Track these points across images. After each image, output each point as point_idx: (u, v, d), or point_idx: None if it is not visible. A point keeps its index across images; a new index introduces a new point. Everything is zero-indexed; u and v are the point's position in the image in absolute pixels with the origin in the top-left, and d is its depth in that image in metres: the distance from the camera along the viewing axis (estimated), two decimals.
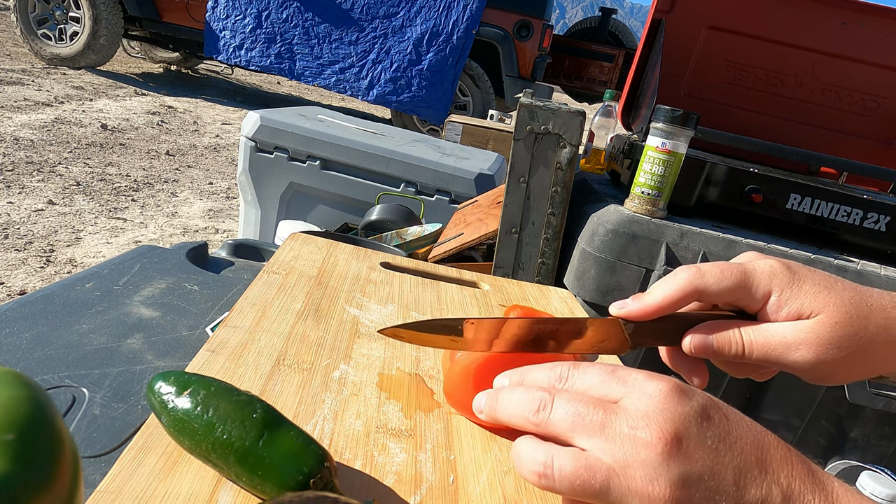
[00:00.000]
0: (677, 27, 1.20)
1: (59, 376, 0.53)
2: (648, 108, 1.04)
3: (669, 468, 0.28)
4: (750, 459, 0.29)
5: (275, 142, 1.69)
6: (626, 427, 0.29)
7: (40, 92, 4.28)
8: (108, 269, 0.74)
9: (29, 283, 1.84)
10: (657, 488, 0.27)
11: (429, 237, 1.18)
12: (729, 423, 0.30)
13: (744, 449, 0.29)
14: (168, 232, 2.47)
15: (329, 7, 4.98)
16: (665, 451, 0.28)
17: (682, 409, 0.29)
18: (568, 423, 0.30)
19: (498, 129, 2.53)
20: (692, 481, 0.28)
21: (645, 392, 0.30)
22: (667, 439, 0.28)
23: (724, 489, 0.28)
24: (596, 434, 0.29)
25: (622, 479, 0.28)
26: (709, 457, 0.28)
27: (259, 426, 0.30)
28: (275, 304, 0.53)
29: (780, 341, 0.37)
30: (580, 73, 6.19)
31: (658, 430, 0.28)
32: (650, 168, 0.89)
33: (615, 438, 0.29)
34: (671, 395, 0.30)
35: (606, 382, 0.31)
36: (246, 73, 7.55)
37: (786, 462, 0.29)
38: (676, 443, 0.28)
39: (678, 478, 0.28)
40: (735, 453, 0.29)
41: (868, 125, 1.24)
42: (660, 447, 0.28)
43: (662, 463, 0.28)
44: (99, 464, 0.45)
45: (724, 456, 0.29)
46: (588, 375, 0.32)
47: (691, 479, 0.28)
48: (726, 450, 0.29)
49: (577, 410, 0.30)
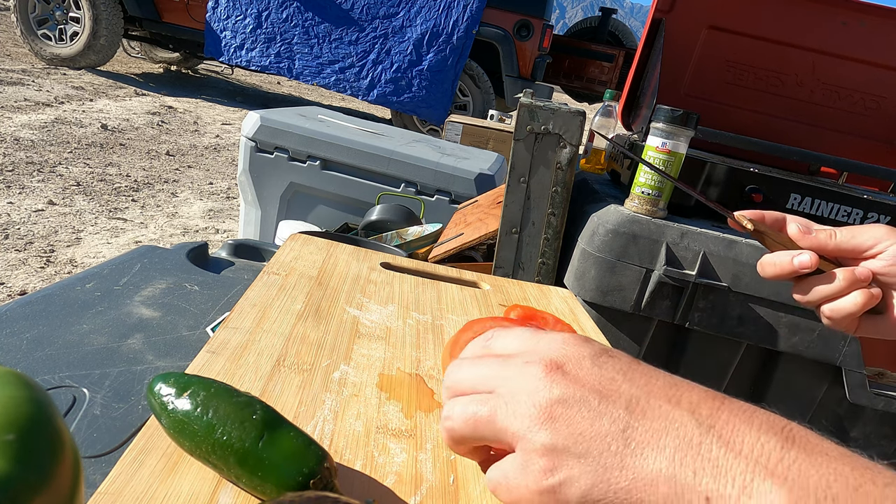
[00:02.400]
0: (677, 27, 1.20)
1: (59, 376, 0.53)
2: (648, 108, 1.04)
3: (551, 389, 0.29)
4: (654, 393, 0.29)
5: (275, 142, 1.69)
6: (521, 362, 0.31)
7: (40, 92, 4.28)
8: (109, 270, 0.74)
9: (29, 283, 1.84)
10: (535, 405, 0.29)
11: (429, 237, 1.18)
12: (637, 364, 0.31)
13: (650, 384, 0.29)
14: (168, 232, 2.47)
15: (329, 7, 4.98)
16: (547, 373, 0.30)
17: (576, 347, 0.31)
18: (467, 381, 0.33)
19: (498, 129, 2.53)
20: (573, 401, 0.28)
21: (551, 338, 0.33)
22: (550, 364, 0.30)
23: (614, 414, 0.28)
24: (493, 378, 0.32)
25: (509, 405, 0.30)
26: (597, 382, 0.29)
27: (259, 427, 0.30)
28: (275, 304, 0.53)
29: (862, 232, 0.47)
30: (580, 73, 6.19)
31: (545, 358, 0.31)
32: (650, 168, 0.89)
33: (508, 373, 0.31)
34: (571, 338, 0.32)
35: (523, 339, 0.34)
36: (246, 74, 7.56)
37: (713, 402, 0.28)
38: (559, 367, 0.30)
39: (559, 397, 0.29)
40: (635, 385, 0.29)
41: (868, 125, 1.23)
42: (543, 371, 0.30)
43: (545, 383, 0.29)
44: (99, 464, 0.45)
45: (619, 385, 0.29)
46: (507, 337, 0.35)
47: (573, 399, 0.28)
48: (623, 380, 0.29)
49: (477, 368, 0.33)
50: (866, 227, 0.48)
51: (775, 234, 0.50)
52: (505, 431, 0.30)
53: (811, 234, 0.48)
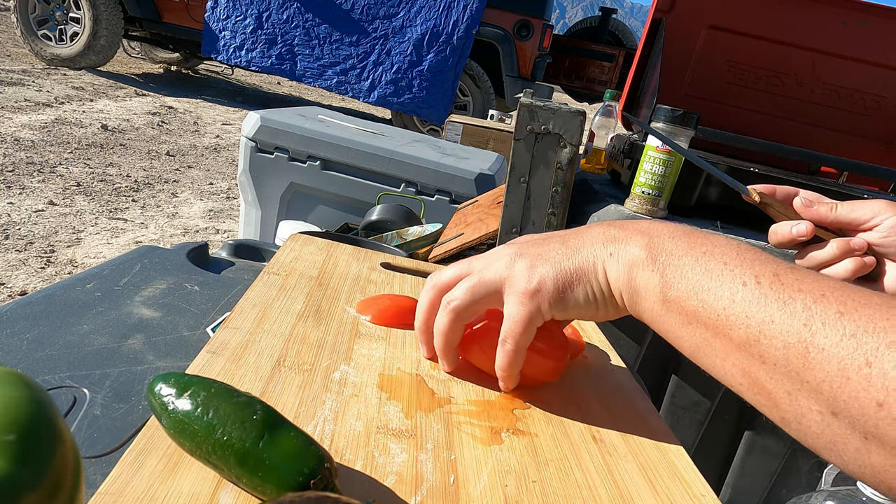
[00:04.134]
0: (677, 27, 1.20)
1: (59, 377, 0.53)
2: (649, 108, 1.04)
3: (511, 246, 0.46)
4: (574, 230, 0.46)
5: (275, 142, 1.69)
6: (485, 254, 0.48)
7: (41, 92, 4.28)
8: (109, 270, 0.74)
9: (29, 283, 1.84)
10: (506, 256, 0.44)
11: (429, 237, 1.18)
12: None
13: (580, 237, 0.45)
14: (168, 232, 2.48)
15: (329, 8, 4.98)
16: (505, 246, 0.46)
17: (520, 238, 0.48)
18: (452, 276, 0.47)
19: (498, 129, 2.53)
20: (527, 245, 0.45)
21: None
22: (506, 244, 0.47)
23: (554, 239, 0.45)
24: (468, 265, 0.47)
25: (489, 268, 0.45)
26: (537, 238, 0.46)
27: (259, 427, 0.30)
28: (275, 305, 0.53)
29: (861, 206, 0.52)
30: (580, 73, 6.19)
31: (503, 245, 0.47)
32: (650, 168, 0.89)
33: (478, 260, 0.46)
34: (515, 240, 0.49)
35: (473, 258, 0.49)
36: (246, 74, 7.56)
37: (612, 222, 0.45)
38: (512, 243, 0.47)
39: (517, 248, 0.45)
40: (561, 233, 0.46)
41: (868, 125, 1.24)
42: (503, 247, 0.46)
43: (506, 248, 0.46)
44: (100, 464, 0.45)
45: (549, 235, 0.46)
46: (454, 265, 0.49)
47: (526, 244, 0.45)
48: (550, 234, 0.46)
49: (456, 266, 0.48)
50: (867, 202, 0.52)
51: (781, 207, 0.54)
52: (494, 281, 0.44)
53: (812, 208, 0.53)
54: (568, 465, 0.40)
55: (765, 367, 0.32)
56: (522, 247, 0.45)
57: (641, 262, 0.39)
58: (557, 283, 0.42)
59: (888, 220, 0.50)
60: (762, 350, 0.32)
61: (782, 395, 0.31)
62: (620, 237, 0.42)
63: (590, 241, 0.43)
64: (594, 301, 0.42)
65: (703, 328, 0.35)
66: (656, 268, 0.39)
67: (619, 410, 0.49)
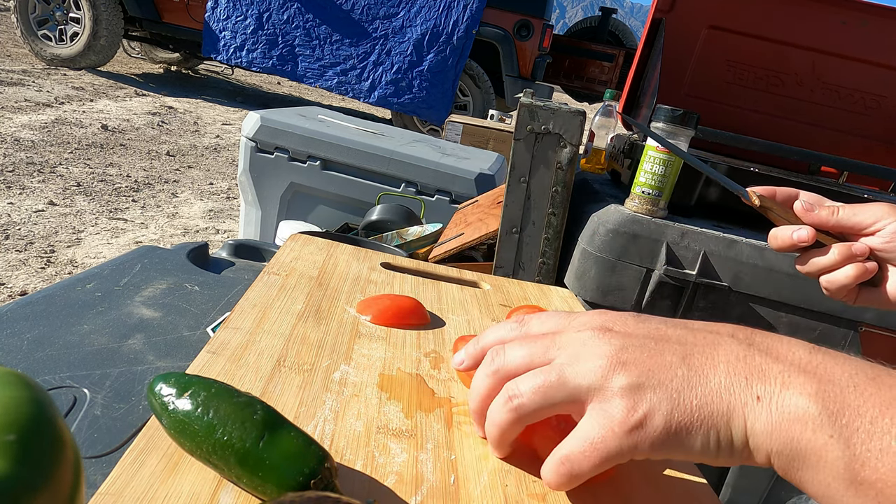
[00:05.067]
0: (677, 27, 1.20)
1: (60, 377, 0.53)
2: (649, 108, 1.04)
3: (611, 342, 0.33)
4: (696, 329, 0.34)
5: (275, 142, 1.69)
6: (570, 332, 0.35)
7: (41, 93, 4.28)
8: (109, 270, 0.74)
9: (30, 283, 1.84)
10: (602, 357, 0.32)
11: (429, 237, 1.18)
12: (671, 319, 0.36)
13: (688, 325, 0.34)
14: (169, 232, 2.48)
15: (330, 8, 4.98)
16: (601, 334, 0.34)
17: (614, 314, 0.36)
18: (521, 358, 0.35)
19: (498, 129, 2.53)
20: (634, 347, 0.33)
21: (585, 313, 0.37)
22: (600, 328, 0.34)
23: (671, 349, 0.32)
24: (548, 349, 0.34)
25: (575, 366, 0.33)
26: (646, 331, 0.34)
27: (259, 427, 0.30)
28: (275, 305, 0.53)
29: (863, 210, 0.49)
30: (580, 73, 6.19)
31: (592, 325, 0.35)
32: (651, 168, 0.89)
33: (562, 343, 0.34)
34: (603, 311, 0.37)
35: (559, 318, 0.37)
36: (246, 74, 7.56)
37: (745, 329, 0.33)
38: (608, 329, 0.34)
39: (620, 346, 0.33)
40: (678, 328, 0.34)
41: (868, 124, 1.23)
42: (596, 333, 0.34)
43: (603, 341, 0.33)
44: (100, 464, 0.45)
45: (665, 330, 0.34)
46: (542, 318, 0.38)
47: (633, 346, 0.33)
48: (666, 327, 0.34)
49: (529, 346, 0.35)
50: (868, 205, 0.50)
51: (782, 211, 0.53)
52: (578, 389, 0.32)
53: (813, 212, 0.51)
54: None
55: None
56: (626, 346, 0.32)
57: (812, 421, 0.28)
58: (670, 423, 0.30)
59: (890, 224, 0.49)
60: None
61: None
62: (772, 373, 0.30)
63: (724, 365, 0.31)
64: (716, 450, 0.30)
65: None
66: (837, 433, 0.27)
67: None
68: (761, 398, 0.29)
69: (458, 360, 0.41)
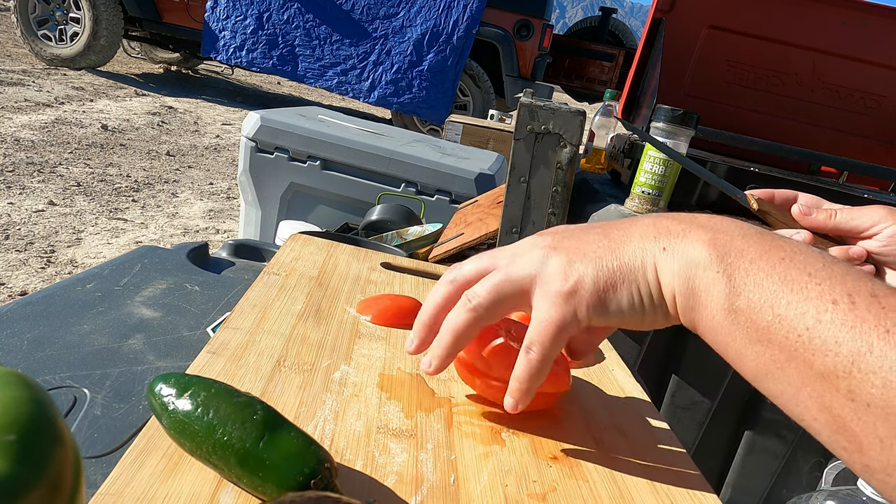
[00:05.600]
0: (677, 27, 1.20)
1: (60, 377, 0.53)
2: (649, 108, 1.04)
3: (544, 238, 0.40)
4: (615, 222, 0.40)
5: (275, 142, 1.69)
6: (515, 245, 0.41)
7: (41, 93, 4.28)
8: (109, 270, 0.74)
9: (30, 283, 1.84)
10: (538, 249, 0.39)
11: (429, 237, 1.18)
12: None
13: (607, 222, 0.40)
14: (169, 232, 2.48)
15: (330, 8, 4.98)
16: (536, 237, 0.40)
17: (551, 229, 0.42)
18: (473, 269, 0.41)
19: (498, 128, 2.53)
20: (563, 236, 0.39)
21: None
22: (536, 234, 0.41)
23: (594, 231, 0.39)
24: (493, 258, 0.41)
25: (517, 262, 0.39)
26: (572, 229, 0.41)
27: (259, 427, 0.30)
28: (275, 305, 0.53)
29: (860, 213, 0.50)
30: (580, 73, 6.19)
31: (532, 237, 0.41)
32: (651, 168, 0.89)
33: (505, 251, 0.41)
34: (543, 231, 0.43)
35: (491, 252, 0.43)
36: (246, 74, 7.56)
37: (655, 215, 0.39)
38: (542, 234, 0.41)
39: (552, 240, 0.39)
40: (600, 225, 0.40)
41: (868, 124, 1.24)
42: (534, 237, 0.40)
43: (537, 239, 0.40)
44: (100, 464, 0.45)
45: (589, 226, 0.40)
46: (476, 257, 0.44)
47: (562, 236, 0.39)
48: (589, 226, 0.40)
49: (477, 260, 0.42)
50: (866, 208, 0.50)
51: (779, 214, 0.53)
52: (523, 278, 0.38)
53: (811, 216, 0.51)
54: (568, 465, 0.40)
55: (853, 405, 0.27)
56: (556, 239, 0.39)
57: (704, 262, 0.33)
58: (598, 284, 0.36)
59: (888, 228, 0.49)
60: (853, 385, 0.27)
61: (872, 442, 0.26)
62: (676, 230, 0.36)
63: (638, 233, 0.37)
64: (640, 306, 0.36)
65: (777, 349, 0.30)
66: (722, 269, 0.32)
67: (620, 411, 0.49)
68: (667, 249, 0.36)
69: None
